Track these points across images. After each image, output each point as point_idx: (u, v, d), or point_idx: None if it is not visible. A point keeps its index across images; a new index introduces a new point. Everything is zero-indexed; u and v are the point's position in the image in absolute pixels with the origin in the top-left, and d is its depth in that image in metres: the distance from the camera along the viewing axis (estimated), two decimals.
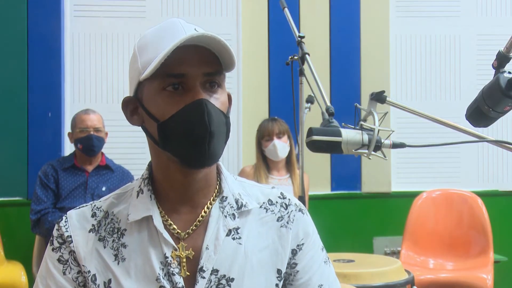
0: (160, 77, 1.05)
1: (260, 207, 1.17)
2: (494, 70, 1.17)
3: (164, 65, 1.03)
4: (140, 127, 1.14)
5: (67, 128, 3.62)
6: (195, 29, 1.08)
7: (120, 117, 1.15)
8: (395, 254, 4.04)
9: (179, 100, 1.05)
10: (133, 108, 1.13)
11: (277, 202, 1.19)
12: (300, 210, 1.19)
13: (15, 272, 3.31)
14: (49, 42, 3.93)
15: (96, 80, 4.03)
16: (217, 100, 1.08)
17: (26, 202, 3.73)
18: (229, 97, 1.15)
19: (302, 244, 1.16)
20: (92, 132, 3.41)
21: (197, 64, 1.06)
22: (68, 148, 3.82)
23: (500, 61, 1.16)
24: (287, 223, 1.16)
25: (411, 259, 3.72)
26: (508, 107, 1.15)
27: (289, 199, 1.20)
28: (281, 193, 1.21)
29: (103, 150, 3.56)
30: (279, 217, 1.17)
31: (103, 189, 3.43)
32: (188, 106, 1.04)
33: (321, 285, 1.16)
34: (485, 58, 4.14)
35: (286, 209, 1.18)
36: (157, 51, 1.04)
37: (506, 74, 1.14)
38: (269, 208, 1.18)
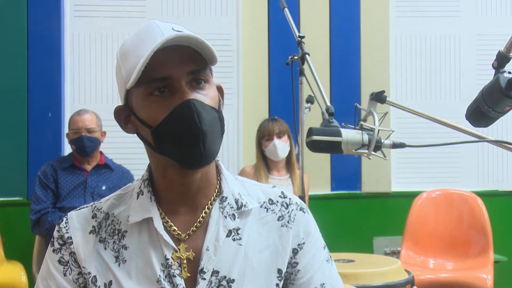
0: (145, 83, 1.04)
1: (261, 206, 1.17)
2: (494, 70, 1.17)
3: (147, 70, 1.02)
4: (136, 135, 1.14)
5: (67, 128, 3.62)
6: (172, 28, 1.06)
7: None
8: (395, 254, 4.04)
9: (167, 104, 1.04)
10: (126, 116, 1.12)
11: (277, 202, 1.18)
12: (301, 209, 1.19)
13: (15, 272, 3.31)
14: (49, 42, 3.93)
15: (96, 80, 4.03)
16: (205, 96, 1.06)
17: (26, 202, 3.73)
18: (220, 89, 1.13)
19: (303, 243, 1.16)
20: (83, 133, 3.41)
21: (180, 64, 1.04)
22: (68, 148, 3.82)
23: (500, 61, 1.16)
24: (288, 222, 1.16)
25: (411, 259, 3.72)
26: (508, 107, 1.15)
27: (290, 198, 1.20)
28: (282, 192, 1.20)
29: (102, 149, 3.56)
30: (279, 217, 1.16)
31: (103, 188, 3.43)
32: (176, 109, 1.03)
33: (323, 283, 1.15)
34: (485, 58, 4.14)
35: (286, 208, 1.18)
36: (138, 58, 1.03)
37: (506, 74, 1.14)
38: (269, 208, 1.17)
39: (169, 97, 1.04)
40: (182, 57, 1.05)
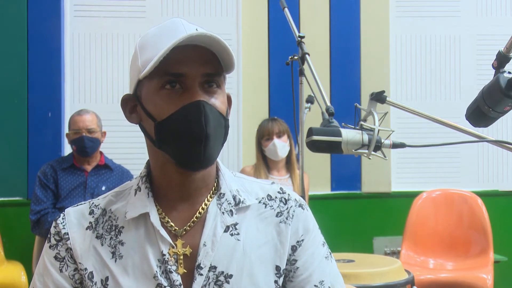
0: (159, 76, 1.05)
1: (259, 202, 1.16)
2: (494, 70, 1.17)
3: (164, 64, 1.03)
4: (138, 126, 1.14)
5: (67, 128, 3.62)
6: (196, 29, 1.07)
7: (120, 117, 1.15)
8: (395, 254, 4.04)
9: (177, 100, 1.05)
10: (132, 106, 1.13)
11: (276, 197, 1.18)
12: (300, 205, 1.18)
13: (15, 272, 3.31)
14: (49, 42, 3.93)
15: (96, 80, 4.03)
16: (215, 101, 1.07)
17: (26, 202, 3.73)
18: (228, 98, 1.14)
19: (302, 240, 1.15)
20: (84, 134, 3.41)
21: (196, 64, 1.05)
22: (68, 148, 3.82)
23: (500, 61, 1.16)
24: (287, 218, 1.15)
25: (411, 259, 3.72)
26: (508, 107, 1.15)
27: (288, 194, 1.19)
28: (281, 188, 1.20)
29: (102, 149, 3.56)
30: (278, 213, 1.16)
31: (103, 188, 3.43)
32: (185, 107, 1.04)
33: (322, 281, 1.14)
34: (485, 58, 4.14)
35: (285, 204, 1.17)
36: (157, 50, 1.04)
37: (506, 74, 1.14)
38: (268, 204, 1.16)
39: (180, 94, 1.05)
40: (199, 58, 1.06)
